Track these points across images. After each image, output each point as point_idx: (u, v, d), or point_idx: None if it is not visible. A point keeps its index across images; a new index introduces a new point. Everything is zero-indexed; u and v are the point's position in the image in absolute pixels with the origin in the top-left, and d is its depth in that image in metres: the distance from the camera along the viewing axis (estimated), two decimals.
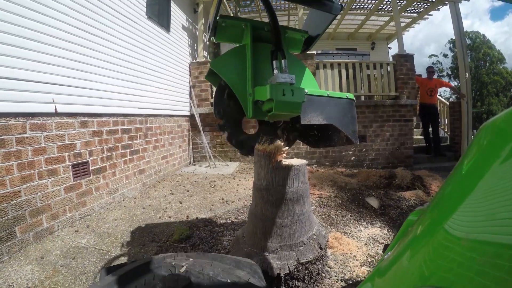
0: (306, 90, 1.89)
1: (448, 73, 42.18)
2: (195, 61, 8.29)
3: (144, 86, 5.70)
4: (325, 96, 2.07)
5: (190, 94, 8.02)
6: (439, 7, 10.11)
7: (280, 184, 2.13)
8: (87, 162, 4.07)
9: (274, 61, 1.87)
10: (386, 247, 1.40)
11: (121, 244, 3.21)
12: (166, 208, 4.34)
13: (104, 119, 4.47)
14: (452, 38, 34.86)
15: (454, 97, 14.06)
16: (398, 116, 8.12)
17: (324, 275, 2.43)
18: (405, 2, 10.23)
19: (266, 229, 2.14)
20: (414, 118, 9.66)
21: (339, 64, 8.03)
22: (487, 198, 0.58)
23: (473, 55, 41.07)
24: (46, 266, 2.75)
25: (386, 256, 1.02)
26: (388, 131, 8.12)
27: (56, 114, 3.55)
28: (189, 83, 8.09)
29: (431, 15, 11.25)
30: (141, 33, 5.66)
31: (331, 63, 8.02)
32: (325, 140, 2.52)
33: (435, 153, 8.77)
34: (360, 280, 2.42)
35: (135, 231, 3.53)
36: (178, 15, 7.70)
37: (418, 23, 12.28)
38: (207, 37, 2.14)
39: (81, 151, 3.96)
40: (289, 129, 2.61)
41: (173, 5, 7.29)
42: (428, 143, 8.95)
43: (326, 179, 5.55)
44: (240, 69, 2.11)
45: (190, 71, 8.16)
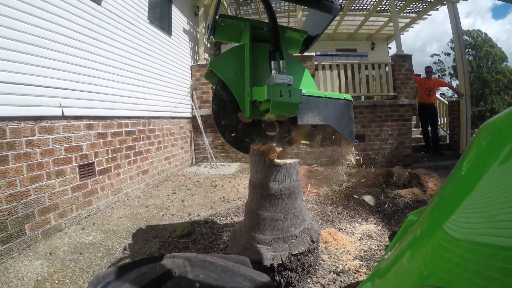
0: (304, 91, 1.95)
1: (450, 72, 42.07)
2: (197, 64, 8.45)
3: (147, 89, 5.86)
4: (323, 97, 2.12)
5: (192, 96, 8.17)
6: (438, 7, 10.16)
7: (273, 181, 2.26)
8: (93, 163, 4.24)
9: (272, 62, 1.89)
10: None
11: (126, 240, 3.36)
12: (169, 207, 4.50)
13: (109, 122, 4.63)
14: None
15: (455, 97, 14.11)
16: (397, 116, 8.21)
17: (317, 268, 2.57)
18: (404, 3, 10.27)
19: (261, 223, 2.27)
20: (414, 118, 9.76)
21: (338, 65, 8.13)
22: (486, 199, 0.58)
23: (475, 54, 40.97)
24: (55, 261, 2.90)
25: (386, 256, 1.03)
26: (387, 131, 8.21)
27: (63, 117, 3.72)
28: (191, 85, 8.24)
29: (430, 15, 11.33)
30: (143, 37, 5.81)
31: (330, 64, 8.13)
32: (324, 140, 2.58)
33: (434, 152, 8.84)
34: (352, 273, 2.56)
35: (139, 228, 3.68)
36: (179, 19, 7.86)
37: (418, 23, 12.33)
38: (207, 37, 2.22)
39: (87, 153, 4.13)
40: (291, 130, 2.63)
41: (174, 9, 7.45)
42: (427, 142, 9.03)
43: (324, 178, 5.68)
44: (239, 69, 2.14)
45: (192, 74, 8.32)
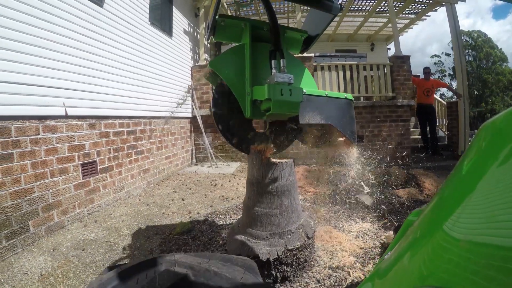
0: (305, 90, 1.96)
1: (450, 73, 42.11)
2: (197, 64, 8.53)
3: (148, 89, 5.95)
4: (324, 96, 2.14)
5: (192, 97, 8.26)
6: (437, 8, 10.21)
7: (270, 178, 2.34)
8: (95, 162, 4.33)
9: (273, 61, 1.89)
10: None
11: (128, 237, 3.44)
12: (169, 205, 4.59)
13: (111, 121, 4.72)
14: None
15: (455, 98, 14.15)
16: (395, 117, 8.28)
17: (313, 263, 2.65)
18: (403, 4, 10.33)
19: (257, 219, 2.35)
20: (413, 118, 9.82)
21: (337, 66, 8.21)
22: (486, 200, 0.58)
23: (475, 54, 41.00)
24: (58, 257, 2.98)
25: (386, 256, 1.03)
26: (385, 131, 8.28)
27: (67, 117, 3.81)
28: (191, 86, 8.33)
29: (429, 16, 11.38)
30: (145, 39, 5.90)
31: (329, 65, 8.20)
32: (323, 141, 2.62)
33: (433, 153, 8.86)
34: (347, 269, 2.64)
35: (140, 225, 3.77)
36: (180, 20, 7.95)
37: (417, 24, 12.39)
38: (207, 37, 2.24)
39: (90, 151, 4.22)
40: (286, 130, 2.65)
41: (175, 10, 7.54)
42: (426, 143, 9.07)
43: (323, 178, 5.76)
44: (239, 68, 2.14)
45: (192, 74, 8.41)
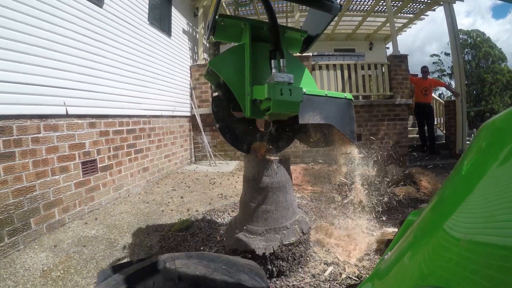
0: (304, 90, 1.94)
1: (449, 73, 42.17)
2: (196, 64, 8.60)
3: (147, 89, 6.01)
4: (324, 96, 2.14)
5: (191, 96, 8.32)
6: (435, 8, 10.25)
7: (265, 175, 2.40)
8: (95, 160, 4.39)
9: (273, 61, 1.89)
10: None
11: (128, 234, 3.51)
12: (169, 203, 4.65)
13: (111, 120, 4.78)
14: None
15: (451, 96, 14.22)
16: (393, 115, 8.33)
17: (308, 258, 2.71)
18: (401, 4, 10.38)
19: (254, 215, 2.41)
20: (411, 117, 9.87)
21: (335, 65, 8.26)
22: (486, 200, 0.58)
23: (474, 53, 41.07)
24: (59, 253, 3.04)
25: (386, 256, 1.03)
26: (383, 130, 8.33)
27: (67, 116, 3.87)
28: (190, 85, 8.39)
29: (427, 15, 11.43)
30: (144, 39, 5.96)
31: (327, 64, 8.25)
32: (323, 140, 2.65)
33: (431, 151, 8.91)
34: (342, 265, 2.70)
35: (140, 223, 3.83)
36: (179, 20, 8.01)
37: (415, 23, 12.44)
38: (206, 36, 2.26)
39: (90, 150, 4.28)
40: (287, 129, 2.64)
41: (174, 10, 7.60)
42: (424, 142, 9.11)
43: (320, 176, 5.83)
44: (239, 68, 2.14)
45: (191, 73, 8.46)
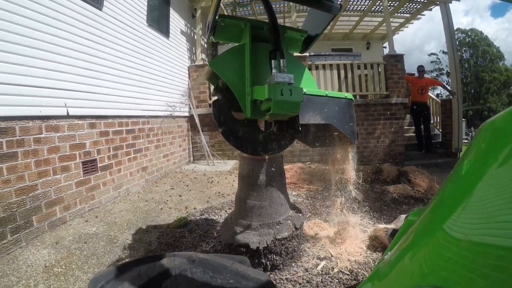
0: (305, 90, 1.96)
1: (448, 71, 42.26)
2: (194, 64, 8.69)
3: (146, 89, 6.11)
4: (324, 96, 2.16)
5: (189, 96, 8.40)
6: (431, 7, 10.34)
7: (259, 172, 2.50)
8: (95, 160, 4.49)
9: (273, 61, 1.89)
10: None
11: (127, 231, 3.61)
12: (167, 201, 4.75)
13: (110, 121, 4.88)
14: None
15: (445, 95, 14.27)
16: (389, 114, 8.40)
17: (302, 253, 2.81)
18: (397, 3, 10.45)
19: (248, 210, 2.52)
20: (408, 116, 9.94)
21: (331, 65, 8.34)
22: (486, 200, 0.58)
23: (472, 52, 41.20)
24: (61, 250, 3.13)
25: (386, 257, 1.03)
26: (379, 129, 8.41)
27: (68, 117, 3.96)
28: (188, 85, 8.48)
29: (424, 15, 11.53)
30: (143, 40, 6.06)
31: (323, 64, 8.33)
32: (323, 140, 2.69)
33: (427, 150, 8.97)
34: (334, 259, 2.79)
35: (139, 220, 3.93)
36: (177, 21, 8.10)
37: (412, 23, 12.54)
38: (206, 37, 2.27)
39: (90, 150, 4.38)
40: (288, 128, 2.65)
41: (172, 11, 7.69)
42: (420, 140, 9.16)
43: (316, 175, 5.93)
44: (239, 68, 2.14)
45: (189, 74, 8.56)
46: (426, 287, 0.64)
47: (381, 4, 10.44)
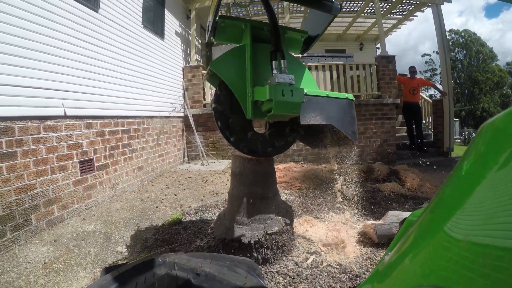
0: (305, 91, 1.94)
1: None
2: (188, 65, 8.79)
3: (141, 90, 6.20)
4: (325, 97, 2.15)
5: (184, 97, 8.50)
6: (423, 9, 10.49)
7: (250, 170, 2.61)
8: (92, 159, 4.58)
9: (274, 62, 1.89)
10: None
11: (124, 228, 3.70)
12: (162, 200, 4.85)
13: (106, 121, 4.97)
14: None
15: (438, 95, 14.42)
16: (381, 115, 8.54)
17: (292, 248, 2.92)
18: (390, 5, 10.60)
19: (240, 206, 2.62)
20: (400, 116, 10.08)
21: (324, 66, 8.45)
22: (486, 202, 0.58)
23: (465, 52, 41.55)
24: (60, 247, 3.22)
25: (386, 257, 1.02)
26: (371, 129, 8.53)
27: (65, 117, 4.05)
28: (183, 86, 8.58)
29: (416, 16, 11.67)
30: (138, 41, 6.14)
31: (316, 65, 8.45)
32: (323, 141, 2.72)
33: (419, 150, 9.11)
34: (324, 254, 2.91)
35: (136, 218, 4.03)
36: (172, 22, 8.18)
37: (405, 24, 12.70)
38: (207, 38, 2.27)
39: (87, 150, 4.47)
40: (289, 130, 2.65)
41: (167, 13, 7.77)
42: (412, 140, 9.30)
43: (309, 174, 6.03)
44: (240, 69, 2.13)
45: (184, 75, 8.65)
46: (428, 287, 0.65)
47: (374, 6, 10.58)
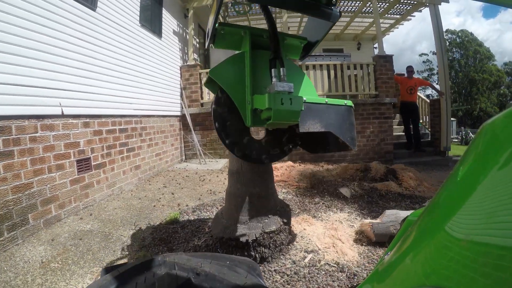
0: (305, 98, 1.94)
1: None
2: (186, 64, 8.79)
3: (139, 89, 6.19)
4: (324, 104, 2.14)
5: (181, 96, 8.51)
6: (421, 9, 10.51)
7: (248, 169, 2.62)
8: (89, 158, 4.57)
9: (273, 70, 1.88)
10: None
11: (121, 227, 3.70)
12: (160, 199, 4.85)
13: (104, 120, 4.97)
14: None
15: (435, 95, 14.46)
16: (378, 114, 8.56)
17: (290, 247, 2.94)
18: (387, 5, 10.63)
19: (238, 205, 2.63)
20: (398, 116, 10.10)
21: (321, 66, 8.46)
22: (486, 201, 0.58)
23: (463, 53, 41.69)
24: (57, 246, 3.22)
25: (386, 257, 1.02)
26: (369, 128, 8.54)
27: (63, 116, 4.05)
28: (180, 85, 8.58)
29: (414, 16, 11.68)
30: (135, 40, 6.14)
31: (314, 65, 8.46)
32: (322, 146, 2.70)
33: (416, 149, 9.11)
34: (321, 252, 2.92)
35: (133, 217, 4.03)
36: (169, 21, 8.18)
37: (402, 24, 12.70)
38: (206, 44, 2.24)
39: (84, 149, 4.46)
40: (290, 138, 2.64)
41: (165, 12, 7.77)
42: (409, 139, 9.29)
43: (306, 173, 6.05)
44: (239, 77, 2.13)
45: (181, 74, 8.65)
46: (429, 287, 0.65)
47: (372, 5, 10.60)
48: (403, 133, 9.66)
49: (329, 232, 3.35)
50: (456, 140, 22.40)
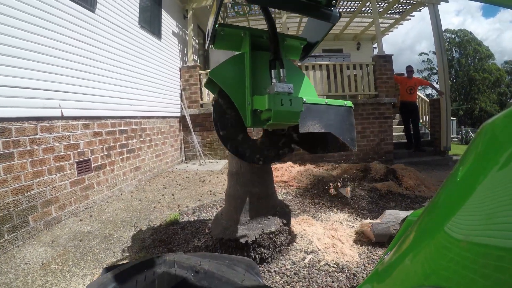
0: (304, 99, 1.94)
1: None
2: (185, 65, 8.79)
3: (138, 90, 6.20)
4: (323, 104, 2.14)
5: (181, 97, 8.51)
6: (420, 9, 10.52)
7: (247, 170, 2.62)
8: (89, 160, 4.58)
9: (273, 71, 1.88)
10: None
11: (122, 229, 3.71)
12: (160, 200, 4.86)
13: (103, 121, 4.97)
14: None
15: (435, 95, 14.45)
16: (378, 114, 8.55)
17: (290, 248, 2.94)
18: (387, 5, 10.63)
19: (237, 206, 2.64)
20: (398, 116, 10.09)
21: (321, 66, 8.46)
22: (486, 202, 0.58)
23: (462, 52, 41.65)
24: (57, 248, 3.22)
25: (386, 257, 1.02)
26: (369, 128, 8.54)
27: (62, 118, 4.05)
28: (180, 86, 8.58)
29: (413, 16, 11.70)
30: (135, 42, 6.14)
31: (313, 65, 8.45)
32: (322, 146, 2.71)
33: (416, 149, 9.12)
34: (321, 253, 2.92)
35: (133, 218, 4.04)
36: (169, 22, 8.18)
37: (401, 24, 12.71)
38: (206, 45, 2.24)
39: (84, 150, 4.47)
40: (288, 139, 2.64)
41: (164, 13, 7.77)
42: (409, 139, 9.30)
43: (306, 173, 6.04)
44: (239, 78, 2.13)
45: (181, 75, 8.65)
46: (429, 287, 0.65)
47: (371, 5, 10.60)
48: (403, 133, 9.66)
49: (329, 233, 3.35)
50: (456, 140, 22.36)
